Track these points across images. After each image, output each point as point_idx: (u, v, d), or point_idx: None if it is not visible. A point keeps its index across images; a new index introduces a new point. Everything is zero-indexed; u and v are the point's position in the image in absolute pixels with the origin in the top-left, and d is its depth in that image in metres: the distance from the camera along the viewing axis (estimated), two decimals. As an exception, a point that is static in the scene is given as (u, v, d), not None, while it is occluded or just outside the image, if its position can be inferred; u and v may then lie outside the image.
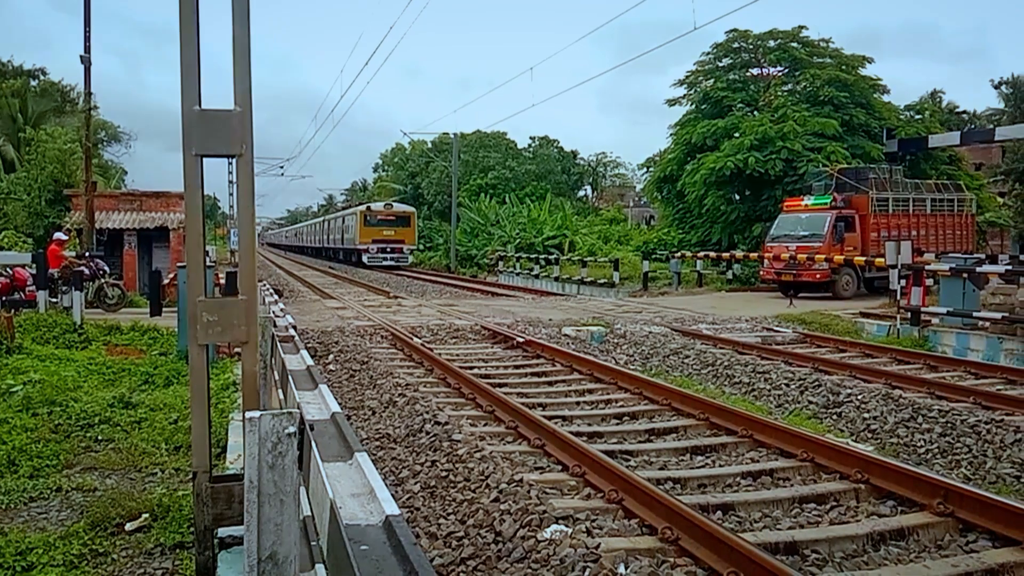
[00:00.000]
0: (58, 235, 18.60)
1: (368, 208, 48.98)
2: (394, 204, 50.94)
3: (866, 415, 8.76)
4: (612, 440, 7.69)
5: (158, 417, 8.32)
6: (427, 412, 8.13)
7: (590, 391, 10.02)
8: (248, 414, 2.89)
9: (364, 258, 46.82)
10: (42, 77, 42.44)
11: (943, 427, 8.00)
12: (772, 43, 32.61)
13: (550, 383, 10.61)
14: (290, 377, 5.46)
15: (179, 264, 14.01)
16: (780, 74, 33.05)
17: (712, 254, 29.44)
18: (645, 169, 44.87)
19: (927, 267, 16.19)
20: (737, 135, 29.92)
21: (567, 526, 4.99)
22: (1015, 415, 8.30)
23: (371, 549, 2.36)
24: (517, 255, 39.82)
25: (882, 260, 18.09)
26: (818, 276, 22.09)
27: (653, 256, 31.95)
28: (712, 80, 33.34)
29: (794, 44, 32.28)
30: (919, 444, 7.83)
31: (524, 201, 50.94)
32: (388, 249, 46.98)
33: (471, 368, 11.16)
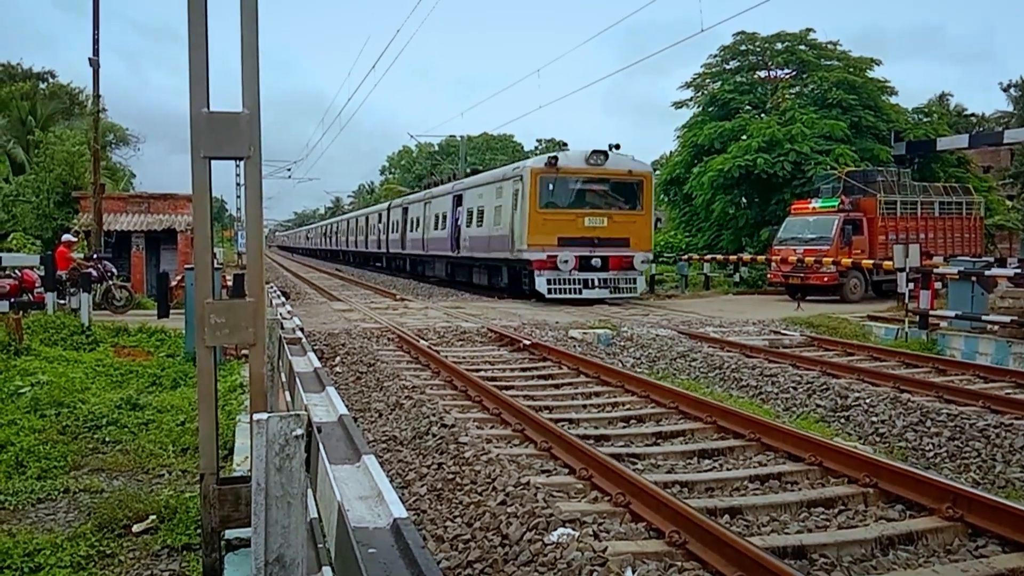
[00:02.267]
0: (66, 237, 18.68)
1: (550, 163, 21.75)
2: (610, 152, 22.40)
3: (874, 419, 8.73)
4: (619, 443, 7.67)
5: (165, 419, 8.33)
6: (434, 415, 8.13)
7: (597, 394, 10.00)
8: (255, 416, 2.89)
9: (540, 282, 21.29)
10: (51, 80, 42.74)
11: (952, 431, 7.96)
12: (779, 45, 32.61)
13: (557, 386, 10.60)
14: (297, 379, 5.47)
15: (187, 266, 14.07)
16: (788, 76, 33.02)
17: (719, 257, 29.42)
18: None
19: (935, 270, 16.12)
20: (744, 137, 29.91)
21: (574, 529, 4.98)
22: (1025, 419, 8.26)
23: (379, 552, 2.36)
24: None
25: (890, 263, 18.03)
26: (826, 279, 22.05)
27: (660, 259, 31.92)
28: (719, 82, 33.35)
29: (802, 46, 32.27)
30: (928, 448, 7.79)
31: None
32: (595, 262, 21.67)
33: (478, 371, 11.16)
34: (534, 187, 21.48)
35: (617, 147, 22.19)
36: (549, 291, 21.05)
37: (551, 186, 21.90)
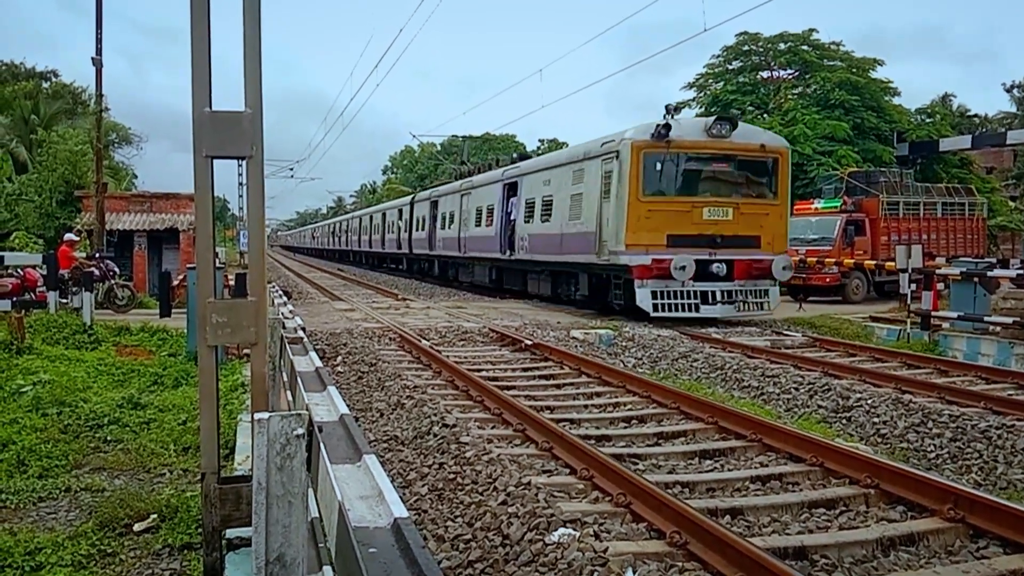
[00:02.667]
0: (69, 236, 18.71)
1: (659, 134, 16.00)
2: (738, 120, 17.52)
3: (876, 420, 8.72)
4: (620, 443, 7.67)
5: (167, 418, 8.34)
6: (435, 414, 8.13)
7: (598, 394, 10.00)
8: (257, 415, 2.90)
9: (642, 295, 16.05)
10: (54, 79, 42.76)
11: (953, 432, 7.95)
12: (782, 46, 32.63)
13: (558, 386, 10.60)
14: (299, 379, 5.46)
15: (189, 265, 14.08)
16: (790, 77, 33.02)
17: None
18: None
19: (938, 271, 16.10)
20: (746, 138, 29.87)
21: (575, 529, 4.98)
22: (1027, 420, 8.24)
23: (379, 552, 2.35)
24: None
25: (892, 264, 18.02)
26: (828, 280, 22.05)
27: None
28: (722, 83, 33.38)
29: (804, 47, 32.29)
30: (929, 449, 7.78)
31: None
32: (717, 268, 16.27)
33: (479, 371, 11.16)
34: (636, 167, 16.03)
35: (740, 113, 17.47)
36: (656, 307, 15.88)
37: (659, 165, 16.30)
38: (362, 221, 49.82)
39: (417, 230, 33.73)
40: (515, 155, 27.36)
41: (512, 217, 22.24)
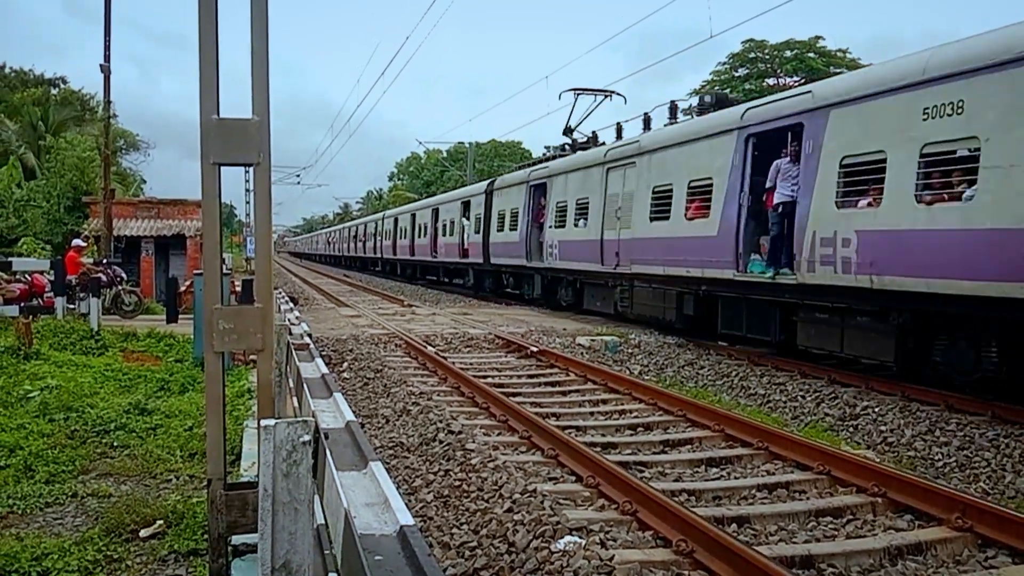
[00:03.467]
0: (76, 242, 18.79)
1: None
2: None
3: (883, 427, 8.69)
4: (626, 451, 7.65)
5: (173, 424, 8.36)
6: (441, 421, 8.13)
7: (604, 401, 9.98)
8: (263, 422, 2.90)
9: None
10: (62, 86, 43.07)
11: (961, 440, 7.92)
12: (788, 53, 32.66)
13: (564, 393, 10.58)
14: (305, 385, 5.47)
15: (196, 271, 14.13)
16: (797, 84, 33.02)
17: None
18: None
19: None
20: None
21: (581, 537, 4.97)
22: (1035, 429, 8.18)
23: (385, 559, 2.35)
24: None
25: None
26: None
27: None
28: (728, 90, 33.36)
29: (811, 54, 32.35)
30: (937, 457, 7.74)
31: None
32: None
33: (485, 377, 11.15)
34: None
35: None
36: None
37: None
38: (399, 222, 38.48)
39: (499, 230, 24.65)
40: (708, 97, 16.69)
41: (788, 194, 11.55)
